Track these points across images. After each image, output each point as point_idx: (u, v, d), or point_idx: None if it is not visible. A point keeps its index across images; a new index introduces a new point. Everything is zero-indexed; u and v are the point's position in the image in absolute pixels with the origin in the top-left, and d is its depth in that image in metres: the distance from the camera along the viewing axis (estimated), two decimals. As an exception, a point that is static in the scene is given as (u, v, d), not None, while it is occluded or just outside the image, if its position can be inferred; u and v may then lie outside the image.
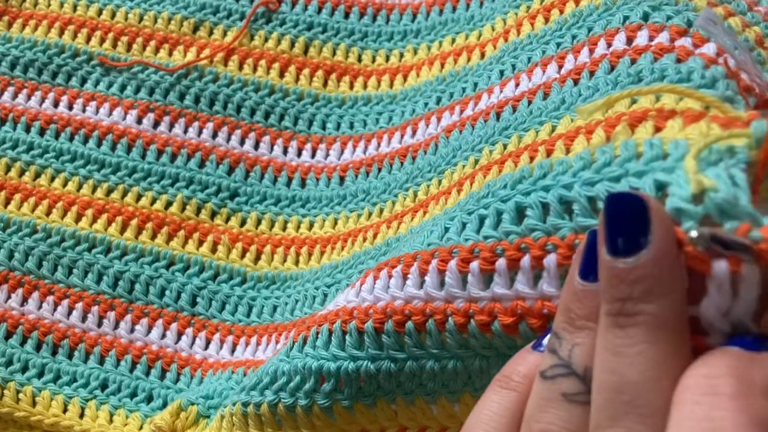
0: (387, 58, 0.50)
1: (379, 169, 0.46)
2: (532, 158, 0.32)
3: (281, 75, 0.50)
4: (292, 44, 0.51)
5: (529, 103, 0.37)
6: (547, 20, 0.41)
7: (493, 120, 0.38)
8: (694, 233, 0.22)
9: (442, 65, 0.47)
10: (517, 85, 0.39)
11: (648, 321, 0.22)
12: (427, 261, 0.30)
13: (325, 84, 0.50)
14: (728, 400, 0.20)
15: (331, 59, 0.50)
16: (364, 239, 0.42)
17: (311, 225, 0.46)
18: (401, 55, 0.50)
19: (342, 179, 0.47)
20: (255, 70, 0.50)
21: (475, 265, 0.29)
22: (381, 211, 0.43)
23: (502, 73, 0.41)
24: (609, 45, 0.35)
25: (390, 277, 0.32)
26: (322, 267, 0.43)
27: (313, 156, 0.48)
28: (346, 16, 0.52)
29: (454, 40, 0.48)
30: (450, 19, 0.49)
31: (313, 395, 0.32)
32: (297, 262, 0.45)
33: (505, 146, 0.36)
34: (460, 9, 0.50)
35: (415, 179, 0.42)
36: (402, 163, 0.44)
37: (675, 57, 0.31)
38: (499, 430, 0.25)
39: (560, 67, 0.37)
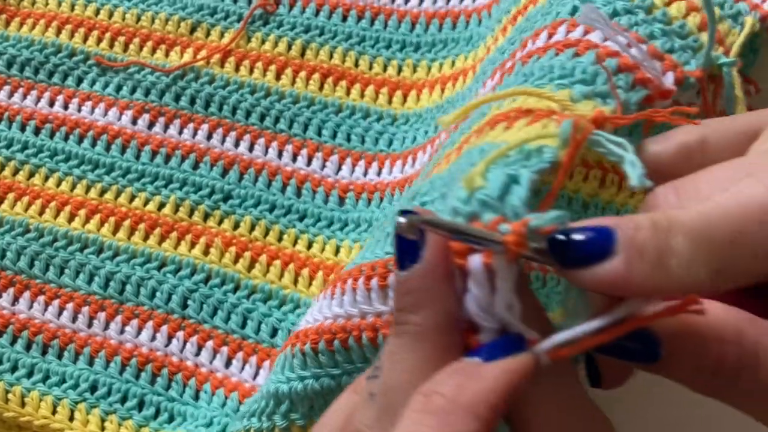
0: (384, 68, 0.50)
1: (381, 199, 0.46)
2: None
3: (277, 77, 0.50)
4: (289, 47, 0.51)
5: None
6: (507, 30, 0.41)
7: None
8: (401, 219, 0.23)
9: (443, 90, 0.47)
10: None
11: (412, 330, 0.23)
12: (344, 280, 0.33)
13: (321, 88, 0.50)
14: (431, 417, 0.21)
15: (328, 62, 0.50)
16: None
17: (310, 244, 0.45)
18: (399, 68, 0.50)
19: (342, 200, 0.46)
20: (251, 72, 0.50)
21: (374, 282, 0.32)
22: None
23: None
24: (533, 43, 0.34)
25: (324, 297, 0.34)
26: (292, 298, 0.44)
27: (308, 164, 0.47)
28: (344, 19, 0.52)
29: (453, 63, 0.48)
30: (450, 39, 0.49)
31: (272, 417, 0.35)
32: (296, 282, 0.44)
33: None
34: (460, 27, 0.50)
35: None
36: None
37: (573, 52, 0.31)
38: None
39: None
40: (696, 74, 0.32)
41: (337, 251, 0.45)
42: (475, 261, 0.22)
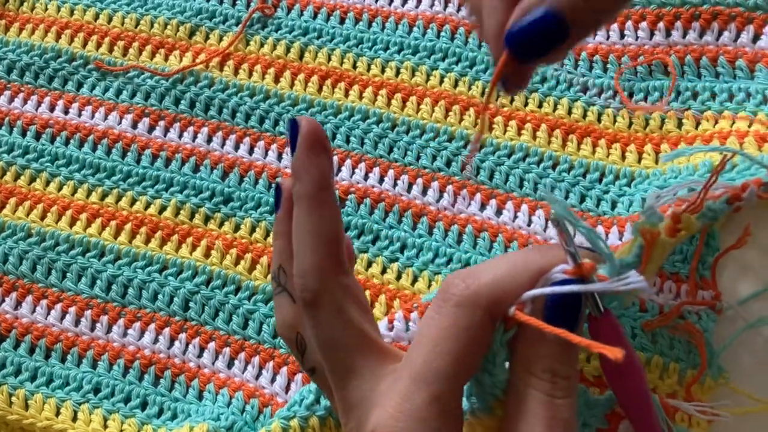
0: (383, 70, 0.50)
1: (386, 213, 0.46)
2: None
3: (276, 80, 0.50)
4: (288, 49, 0.51)
5: None
6: None
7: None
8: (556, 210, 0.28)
9: (447, 111, 0.48)
10: None
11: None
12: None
13: (319, 90, 0.50)
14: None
15: (326, 64, 0.51)
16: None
17: None
18: (398, 71, 0.50)
19: (342, 202, 0.46)
20: (250, 75, 0.51)
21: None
22: (399, 274, 0.45)
23: None
24: None
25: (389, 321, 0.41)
26: None
27: (307, 162, 0.48)
28: (342, 21, 0.52)
29: (456, 84, 0.49)
30: (450, 52, 0.50)
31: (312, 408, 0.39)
32: None
33: None
34: (458, 39, 0.50)
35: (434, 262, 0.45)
36: (415, 224, 0.46)
37: None
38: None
39: None
40: None
41: None
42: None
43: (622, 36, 0.48)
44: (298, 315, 0.31)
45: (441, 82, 0.49)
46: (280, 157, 0.48)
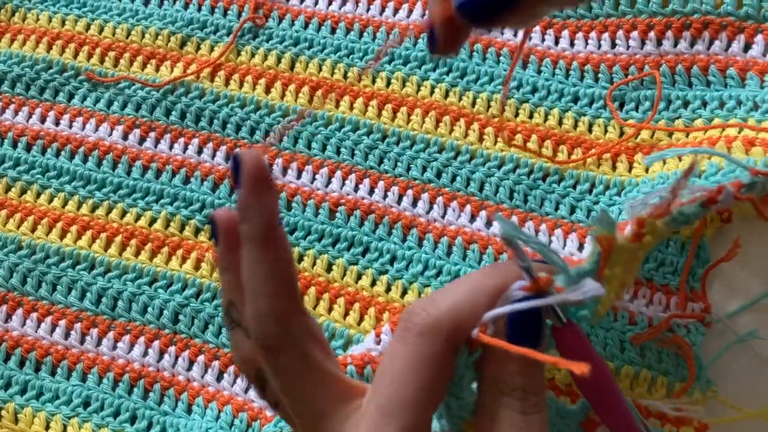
0: (373, 80, 0.50)
1: (376, 224, 0.46)
2: None
3: (267, 91, 0.50)
4: (279, 60, 0.51)
5: None
6: None
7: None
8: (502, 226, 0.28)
9: (437, 122, 0.48)
10: None
11: None
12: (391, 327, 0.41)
13: (310, 101, 0.50)
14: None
15: (317, 75, 0.51)
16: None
17: (300, 257, 0.46)
18: (389, 81, 0.50)
19: (332, 213, 0.47)
20: (241, 85, 0.51)
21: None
22: (388, 287, 0.45)
23: None
24: None
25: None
26: (329, 328, 0.44)
27: (299, 177, 0.48)
28: (333, 31, 0.52)
29: (447, 95, 0.49)
30: (441, 62, 0.50)
31: None
32: None
33: None
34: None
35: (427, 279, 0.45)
36: (405, 236, 0.46)
37: None
38: None
39: None
40: None
41: (329, 268, 0.45)
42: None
43: (614, 45, 0.48)
44: (254, 350, 0.30)
45: (431, 92, 0.49)
46: (270, 168, 0.48)
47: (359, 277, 0.45)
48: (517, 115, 0.48)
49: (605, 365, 0.31)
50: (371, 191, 0.47)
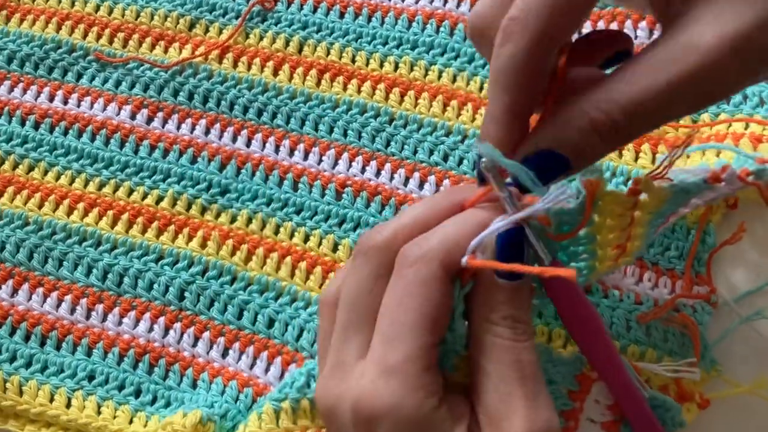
0: (381, 64, 0.50)
1: (383, 205, 0.46)
2: None
3: (275, 73, 0.51)
4: (287, 43, 0.51)
5: None
6: None
7: None
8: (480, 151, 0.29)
9: (445, 105, 0.48)
10: None
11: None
12: None
13: (318, 83, 0.50)
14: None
15: (325, 59, 0.51)
16: None
17: (307, 237, 0.46)
18: (396, 65, 0.50)
19: (339, 194, 0.47)
20: (249, 68, 0.51)
21: None
22: None
23: None
24: None
25: None
26: None
27: (305, 158, 0.48)
28: (341, 16, 0.52)
29: (455, 79, 0.49)
30: (449, 47, 0.50)
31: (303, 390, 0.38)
32: (292, 275, 0.45)
33: None
34: (458, 35, 0.50)
35: None
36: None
37: None
38: None
39: None
40: None
41: (335, 248, 0.45)
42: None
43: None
44: None
45: (439, 77, 0.49)
46: (277, 149, 0.48)
47: None
48: None
49: (597, 315, 0.31)
50: (378, 173, 0.47)
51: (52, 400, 0.42)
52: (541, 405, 0.29)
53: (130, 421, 0.42)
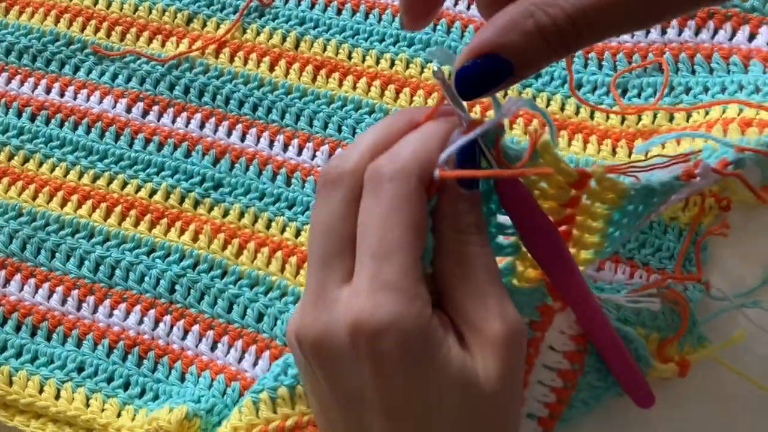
0: (377, 61, 0.50)
1: None
2: None
3: (271, 69, 0.51)
4: (284, 39, 0.52)
5: None
6: None
7: None
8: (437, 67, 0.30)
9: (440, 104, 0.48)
10: None
11: None
12: None
13: (314, 79, 0.50)
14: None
15: (321, 55, 0.51)
16: None
17: (298, 232, 0.46)
18: (392, 62, 0.50)
19: None
20: (245, 63, 0.51)
21: None
22: None
23: None
24: None
25: None
26: None
27: (299, 154, 0.48)
28: (339, 12, 0.52)
29: (450, 77, 0.48)
30: (446, 45, 0.50)
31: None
32: (282, 269, 0.45)
33: None
34: (454, 33, 0.50)
35: None
36: None
37: None
38: None
39: None
40: None
41: None
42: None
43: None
44: None
45: (435, 74, 0.49)
46: (271, 144, 0.48)
47: None
48: None
49: (554, 226, 0.32)
50: (371, 169, 0.47)
51: (41, 391, 0.43)
52: (509, 303, 0.30)
53: (118, 415, 0.42)
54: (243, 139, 0.49)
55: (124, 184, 0.48)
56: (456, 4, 0.52)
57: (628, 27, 0.28)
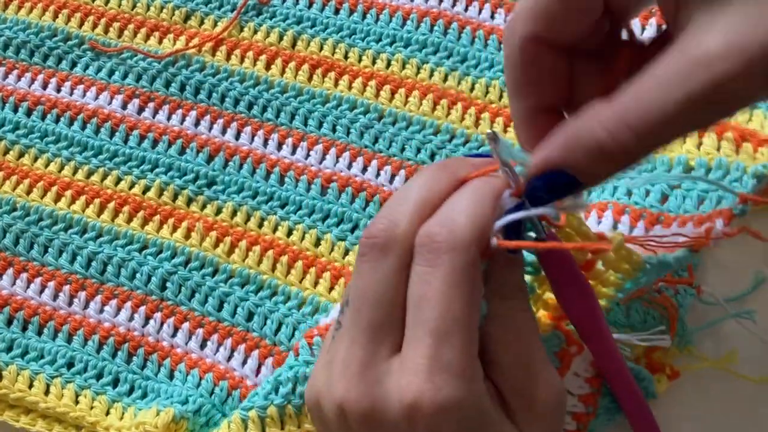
0: (374, 61, 0.50)
1: (367, 201, 0.46)
2: None
3: (267, 67, 0.51)
4: (281, 37, 0.52)
5: None
6: None
7: None
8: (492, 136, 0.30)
9: (435, 105, 0.48)
10: None
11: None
12: None
13: (310, 78, 0.50)
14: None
15: (318, 54, 0.51)
16: None
17: (290, 231, 0.46)
18: (389, 63, 0.50)
19: (324, 190, 0.46)
20: (242, 61, 0.51)
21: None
22: None
23: None
24: None
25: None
26: (313, 302, 0.44)
27: (293, 153, 0.48)
28: (336, 12, 0.52)
29: (446, 78, 0.49)
30: (442, 46, 0.50)
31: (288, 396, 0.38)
32: (273, 269, 0.45)
33: None
34: (451, 34, 0.50)
35: None
36: None
37: None
38: None
39: None
40: None
41: (317, 243, 0.45)
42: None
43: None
44: None
45: (431, 75, 0.49)
46: (266, 142, 0.48)
47: (346, 252, 0.45)
48: (501, 98, 0.48)
49: (590, 286, 0.31)
50: (364, 170, 0.47)
51: (31, 386, 0.43)
52: (551, 368, 0.30)
53: (107, 413, 0.42)
54: (237, 137, 0.49)
55: (118, 181, 0.48)
56: (454, 5, 0.52)
57: (692, 130, 0.27)
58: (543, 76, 0.30)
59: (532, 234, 0.30)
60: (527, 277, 0.34)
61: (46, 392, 0.43)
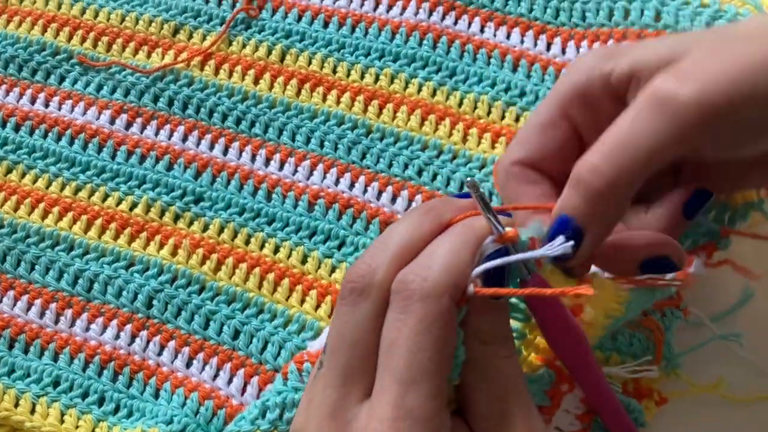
0: (362, 75, 0.50)
1: (354, 218, 0.46)
2: None
3: (256, 82, 0.51)
4: (269, 51, 0.51)
5: None
6: None
7: None
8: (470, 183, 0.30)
9: (423, 119, 0.48)
10: None
11: None
12: None
13: (298, 93, 0.50)
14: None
15: (306, 68, 0.51)
16: None
17: (277, 248, 0.45)
18: (377, 77, 0.50)
19: (311, 206, 0.46)
20: (230, 75, 0.51)
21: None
22: None
23: None
24: None
25: None
26: (299, 320, 0.43)
27: (281, 168, 0.48)
28: (325, 25, 0.52)
29: (434, 93, 0.48)
30: (431, 61, 0.50)
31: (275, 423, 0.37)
32: (260, 286, 0.45)
33: None
34: (440, 48, 0.50)
35: None
36: (382, 232, 0.45)
37: None
38: None
39: None
40: None
41: (304, 260, 0.45)
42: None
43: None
44: None
45: (419, 90, 0.49)
46: (253, 158, 0.48)
47: (333, 270, 0.45)
48: (503, 117, 0.48)
49: (579, 326, 0.32)
50: (351, 186, 0.47)
51: (17, 405, 0.43)
52: (535, 415, 0.29)
53: (92, 431, 0.42)
54: (225, 152, 0.49)
55: (105, 197, 0.48)
56: (443, 19, 0.51)
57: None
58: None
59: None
60: (517, 324, 0.33)
61: (32, 411, 0.43)
